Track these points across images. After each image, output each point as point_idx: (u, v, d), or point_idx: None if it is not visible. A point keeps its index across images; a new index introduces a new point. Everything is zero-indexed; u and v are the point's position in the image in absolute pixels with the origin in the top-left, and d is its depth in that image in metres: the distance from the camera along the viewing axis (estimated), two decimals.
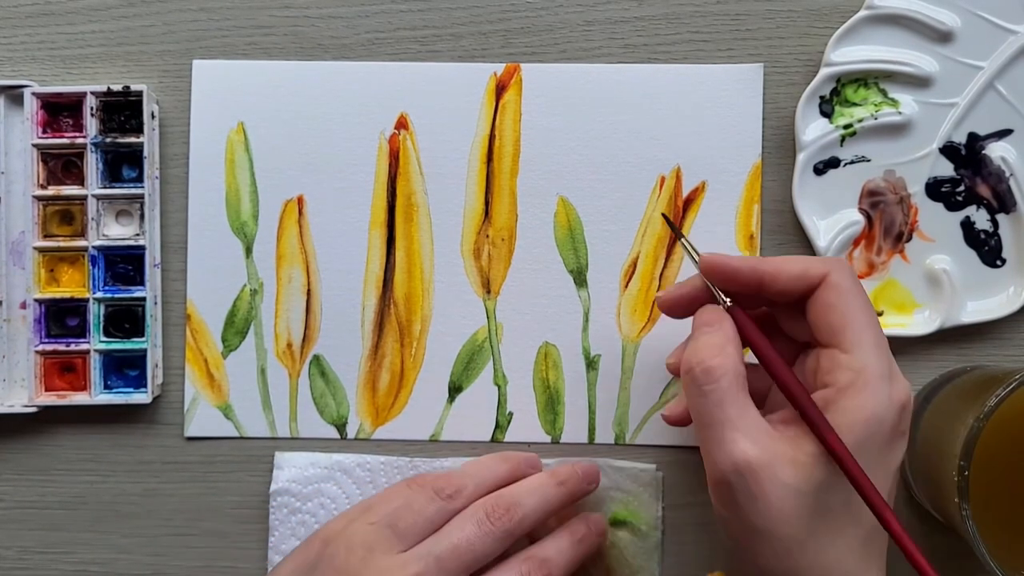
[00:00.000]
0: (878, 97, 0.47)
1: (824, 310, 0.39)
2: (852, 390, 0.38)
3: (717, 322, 0.41)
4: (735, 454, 0.37)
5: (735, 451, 0.37)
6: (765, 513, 0.37)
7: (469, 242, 0.49)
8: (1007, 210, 0.47)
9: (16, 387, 0.48)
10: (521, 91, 0.48)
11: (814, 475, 0.37)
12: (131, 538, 0.49)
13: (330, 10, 0.49)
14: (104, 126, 0.48)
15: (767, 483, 0.37)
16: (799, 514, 0.37)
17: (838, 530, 0.38)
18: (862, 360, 0.38)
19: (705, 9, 0.48)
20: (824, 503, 0.37)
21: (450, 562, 0.41)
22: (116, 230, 0.48)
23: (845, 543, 0.38)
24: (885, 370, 0.38)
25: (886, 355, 0.39)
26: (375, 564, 0.41)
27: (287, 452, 0.49)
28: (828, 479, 0.37)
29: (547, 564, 0.43)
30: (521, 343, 0.49)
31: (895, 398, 0.38)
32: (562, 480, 0.45)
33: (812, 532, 0.37)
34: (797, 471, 0.37)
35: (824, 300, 0.39)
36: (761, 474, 0.37)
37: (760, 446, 0.37)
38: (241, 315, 0.49)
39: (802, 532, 0.37)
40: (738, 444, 0.37)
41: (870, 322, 0.39)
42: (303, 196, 0.49)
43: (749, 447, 0.37)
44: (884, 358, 0.39)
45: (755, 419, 0.38)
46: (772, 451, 0.37)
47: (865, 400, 0.38)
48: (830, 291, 0.39)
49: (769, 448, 0.37)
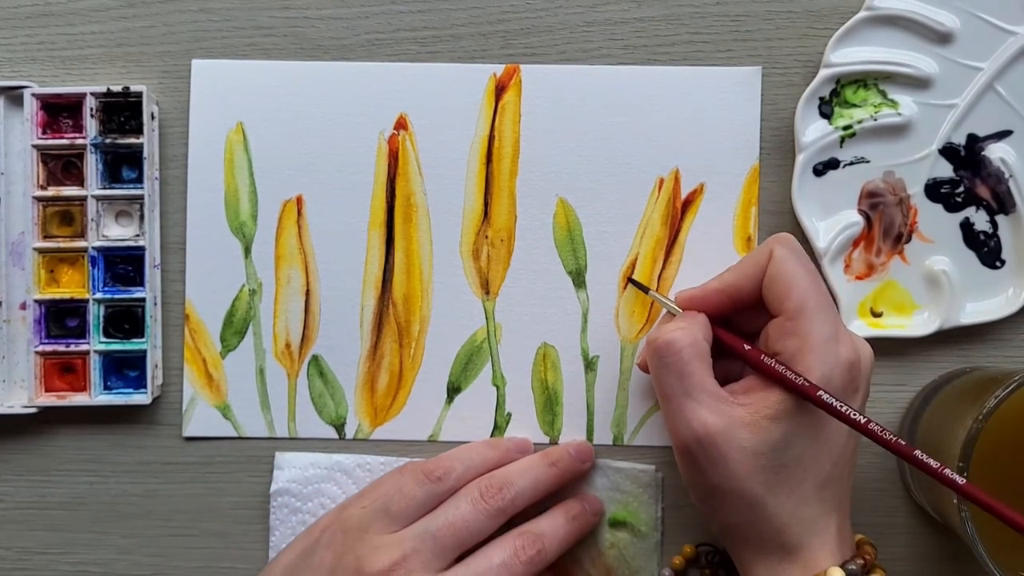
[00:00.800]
0: (877, 98, 0.47)
1: (769, 283, 0.41)
2: (800, 354, 0.40)
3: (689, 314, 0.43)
4: (694, 423, 0.40)
5: (694, 420, 0.40)
6: (726, 475, 0.40)
7: (468, 243, 0.49)
8: (1006, 211, 0.47)
9: (16, 388, 0.48)
10: (520, 92, 0.48)
11: (770, 436, 0.40)
12: (131, 539, 0.49)
13: (330, 11, 0.49)
14: (104, 127, 0.48)
15: (726, 447, 0.40)
16: (757, 473, 0.40)
17: (795, 483, 0.40)
18: (806, 326, 0.40)
19: (705, 10, 0.48)
20: (779, 460, 0.40)
21: (445, 539, 0.42)
22: (116, 231, 0.49)
23: (801, 494, 0.40)
24: (829, 332, 0.40)
25: (831, 318, 0.41)
26: (371, 543, 0.42)
27: (287, 452, 0.49)
28: (782, 438, 0.40)
29: (541, 539, 0.44)
30: (520, 344, 0.49)
31: (843, 358, 0.40)
32: (554, 460, 0.46)
33: (770, 488, 0.40)
34: (754, 433, 0.40)
35: (769, 274, 0.41)
36: (719, 439, 0.40)
37: (718, 413, 0.40)
38: (240, 315, 0.49)
39: (761, 488, 0.40)
40: (697, 413, 0.40)
41: (812, 288, 0.41)
42: (302, 196, 0.49)
43: (708, 415, 0.40)
44: (828, 321, 0.40)
45: (713, 388, 0.41)
46: (730, 417, 0.40)
47: (812, 363, 0.40)
48: (772, 265, 0.42)
49: (727, 414, 0.40)
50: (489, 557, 0.43)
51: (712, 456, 0.40)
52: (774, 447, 0.39)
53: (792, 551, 0.40)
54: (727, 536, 0.42)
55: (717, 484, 0.40)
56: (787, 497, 0.40)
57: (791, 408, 0.40)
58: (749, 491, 0.40)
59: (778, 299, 0.41)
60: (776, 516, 0.40)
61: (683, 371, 0.41)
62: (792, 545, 0.40)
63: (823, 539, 0.40)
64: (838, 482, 0.41)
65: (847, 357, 0.40)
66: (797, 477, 0.40)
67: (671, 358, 0.41)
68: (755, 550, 0.41)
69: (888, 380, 0.48)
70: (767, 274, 0.42)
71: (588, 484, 0.48)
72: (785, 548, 0.40)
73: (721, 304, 0.43)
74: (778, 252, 0.41)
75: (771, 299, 0.42)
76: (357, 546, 0.42)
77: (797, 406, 0.40)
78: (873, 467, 0.48)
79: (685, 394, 0.40)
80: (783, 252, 0.41)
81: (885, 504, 0.49)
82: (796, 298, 0.40)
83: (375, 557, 0.41)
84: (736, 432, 0.39)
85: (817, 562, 0.40)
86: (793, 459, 0.40)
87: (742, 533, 0.41)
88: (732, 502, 0.40)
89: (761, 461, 0.39)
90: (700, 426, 0.40)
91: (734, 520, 0.41)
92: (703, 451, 0.40)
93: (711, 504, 0.42)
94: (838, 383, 0.40)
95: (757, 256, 0.42)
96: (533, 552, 0.43)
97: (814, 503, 0.40)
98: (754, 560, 0.41)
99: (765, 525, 0.40)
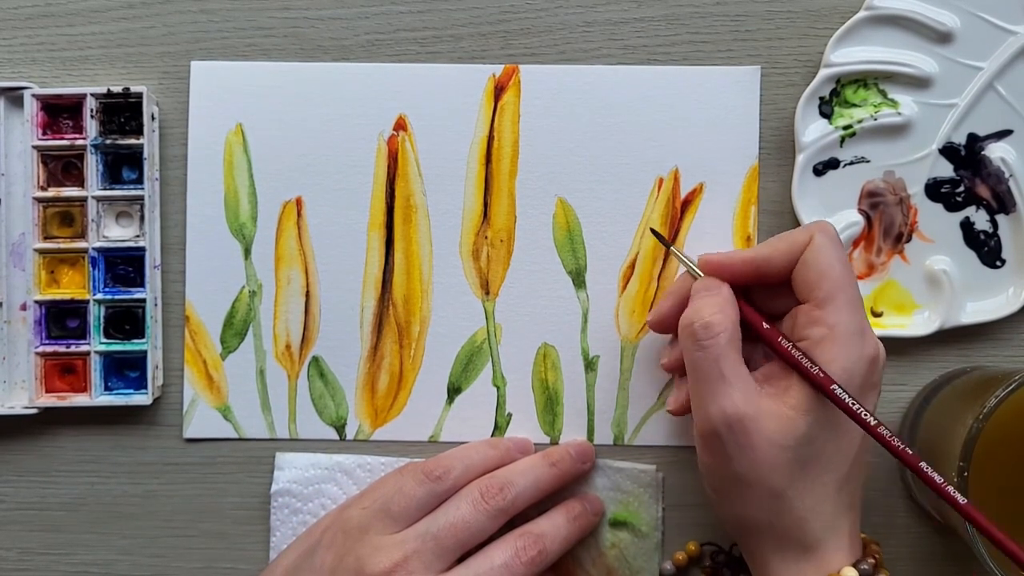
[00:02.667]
0: (878, 98, 0.47)
1: (802, 268, 0.41)
2: (825, 344, 0.40)
3: (716, 287, 0.42)
4: (727, 408, 0.39)
5: (727, 405, 0.39)
6: (751, 464, 0.39)
7: (468, 243, 0.49)
8: (1007, 211, 0.47)
9: (16, 389, 0.48)
10: (520, 92, 0.48)
11: (796, 429, 0.39)
12: (131, 539, 0.49)
13: (330, 11, 0.49)
14: (104, 128, 0.48)
15: (755, 435, 0.39)
16: (782, 465, 0.39)
17: (815, 479, 0.40)
18: (835, 316, 0.40)
19: (704, 10, 0.48)
20: (804, 455, 0.40)
21: (446, 539, 0.42)
22: (116, 231, 0.49)
23: (822, 490, 0.40)
24: (857, 327, 0.40)
25: (859, 312, 0.41)
26: (372, 543, 0.42)
27: (288, 453, 0.49)
28: (808, 432, 0.39)
29: (542, 539, 0.44)
30: (520, 344, 0.49)
31: (866, 353, 0.40)
32: (555, 461, 0.46)
33: (792, 482, 0.40)
34: (782, 425, 0.39)
35: (805, 259, 0.41)
36: (750, 427, 0.39)
37: (750, 401, 0.40)
38: (240, 317, 0.49)
39: (783, 482, 0.40)
40: (731, 398, 0.40)
41: (845, 280, 0.41)
42: (302, 197, 0.49)
43: (740, 401, 0.39)
44: (857, 315, 0.40)
45: (746, 376, 0.40)
46: (759, 406, 0.40)
47: (836, 354, 0.39)
48: (810, 250, 0.41)
49: (756, 403, 0.40)
50: (490, 558, 0.43)
51: (740, 443, 0.39)
52: (799, 440, 0.39)
53: (808, 548, 0.40)
54: (742, 529, 0.42)
55: (741, 473, 0.40)
56: (808, 493, 0.40)
57: (815, 403, 0.40)
58: (772, 483, 0.39)
59: (809, 286, 0.41)
60: (796, 511, 0.40)
61: (720, 355, 0.40)
62: (809, 542, 0.40)
63: (838, 538, 0.40)
64: (853, 482, 0.41)
65: (870, 353, 0.40)
66: (818, 473, 0.40)
67: (709, 341, 0.40)
68: (771, 545, 0.41)
69: (888, 380, 0.48)
70: (803, 258, 0.41)
71: (589, 484, 0.48)
72: (802, 545, 0.40)
73: (745, 275, 0.43)
74: (818, 239, 0.41)
75: (801, 284, 0.41)
76: (358, 547, 0.42)
77: (820, 401, 0.40)
78: (874, 467, 0.48)
79: (720, 377, 0.40)
80: (823, 240, 0.41)
81: (885, 504, 0.49)
82: (828, 287, 0.40)
83: (376, 558, 0.41)
84: (765, 422, 0.39)
85: (831, 561, 0.40)
86: (815, 454, 0.40)
87: (759, 527, 0.41)
88: (753, 493, 0.40)
89: (787, 455, 0.39)
90: (733, 411, 0.39)
91: (752, 513, 0.41)
92: (732, 436, 0.39)
93: (730, 494, 0.41)
94: (859, 378, 0.40)
95: (795, 237, 0.42)
96: (534, 552, 0.43)
97: (832, 501, 0.40)
98: (769, 555, 0.41)
99: (784, 519, 0.40)
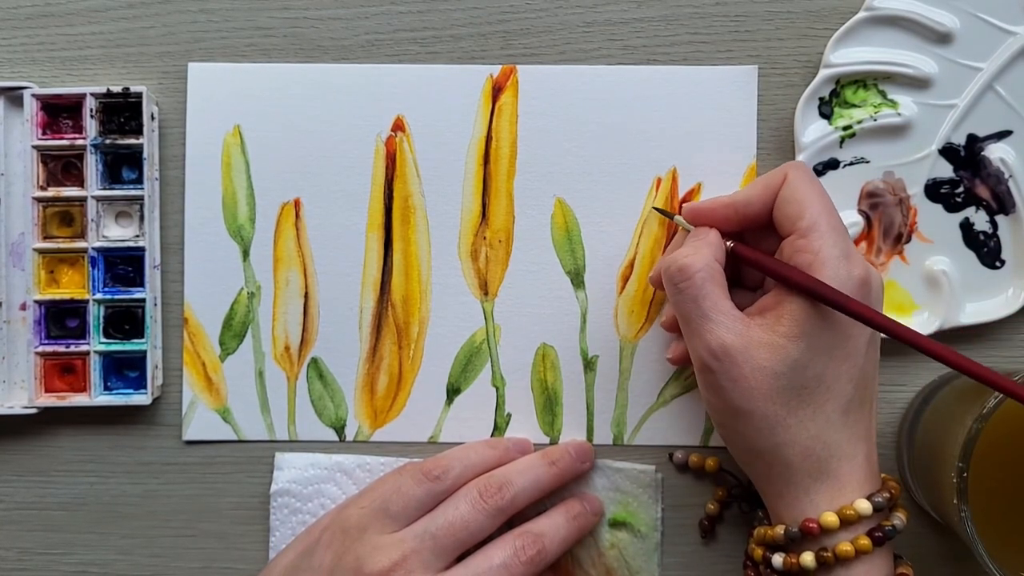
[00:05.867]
0: (877, 98, 0.47)
1: (782, 204, 0.42)
2: (811, 270, 0.40)
3: (703, 232, 0.43)
4: (712, 342, 0.40)
5: (712, 339, 0.40)
6: (746, 394, 0.40)
7: (466, 244, 0.49)
8: (1006, 211, 0.47)
9: (16, 388, 0.48)
10: (517, 93, 0.48)
11: (788, 355, 0.40)
12: (131, 539, 0.49)
13: (329, 12, 0.49)
14: (104, 127, 0.48)
15: (745, 366, 0.40)
16: (777, 393, 0.40)
17: (817, 405, 0.40)
18: (818, 242, 0.40)
19: (704, 11, 0.48)
20: (799, 380, 0.40)
21: (445, 539, 0.42)
22: (116, 231, 0.49)
23: (825, 417, 0.40)
24: (842, 250, 0.40)
25: (843, 237, 0.41)
26: (371, 543, 0.42)
27: (287, 453, 0.49)
28: (800, 358, 0.40)
29: (541, 539, 0.44)
30: (519, 344, 0.49)
31: (855, 274, 0.40)
32: (554, 460, 0.46)
33: (791, 409, 0.40)
34: (772, 353, 0.40)
35: (782, 196, 0.42)
36: (738, 358, 0.40)
37: (735, 333, 0.40)
38: (239, 318, 0.49)
39: (782, 409, 0.40)
40: (714, 333, 0.40)
41: (825, 208, 0.41)
42: (300, 199, 0.49)
43: (725, 334, 0.40)
44: (840, 240, 0.41)
45: (729, 310, 0.41)
46: (747, 337, 0.40)
47: (824, 278, 0.40)
48: (786, 187, 0.42)
49: (744, 334, 0.40)
50: (489, 557, 0.43)
51: (732, 375, 0.40)
52: (792, 366, 0.39)
53: (819, 478, 0.40)
54: (752, 462, 0.42)
55: (738, 405, 0.40)
56: (811, 420, 0.40)
57: (808, 326, 0.40)
58: (770, 412, 0.40)
59: (790, 219, 0.41)
60: (800, 439, 0.40)
61: (698, 294, 0.41)
62: (818, 471, 0.40)
63: (851, 467, 0.40)
64: (862, 406, 0.41)
65: (859, 275, 0.40)
66: (820, 399, 0.40)
67: (685, 283, 0.41)
68: (781, 477, 0.41)
69: (888, 380, 0.48)
70: (780, 195, 0.42)
71: (588, 484, 0.48)
72: (811, 475, 0.40)
73: (728, 219, 0.43)
74: (792, 174, 0.42)
75: (783, 219, 0.42)
76: (357, 546, 0.42)
77: (814, 324, 0.40)
78: None
79: (702, 316, 0.40)
80: (797, 174, 0.42)
81: None
82: (809, 217, 0.41)
83: (375, 557, 0.42)
84: (754, 351, 0.40)
85: (844, 491, 0.40)
86: (813, 379, 0.40)
87: (765, 459, 0.41)
88: (754, 423, 0.40)
89: (781, 382, 0.39)
90: (718, 344, 0.40)
91: (758, 444, 0.41)
92: (722, 369, 0.40)
93: (734, 428, 0.41)
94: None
95: (769, 178, 0.43)
96: (533, 552, 0.43)
97: (840, 428, 0.40)
98: (780, 488, 0.41)
99: (789, 449, 0.40)
